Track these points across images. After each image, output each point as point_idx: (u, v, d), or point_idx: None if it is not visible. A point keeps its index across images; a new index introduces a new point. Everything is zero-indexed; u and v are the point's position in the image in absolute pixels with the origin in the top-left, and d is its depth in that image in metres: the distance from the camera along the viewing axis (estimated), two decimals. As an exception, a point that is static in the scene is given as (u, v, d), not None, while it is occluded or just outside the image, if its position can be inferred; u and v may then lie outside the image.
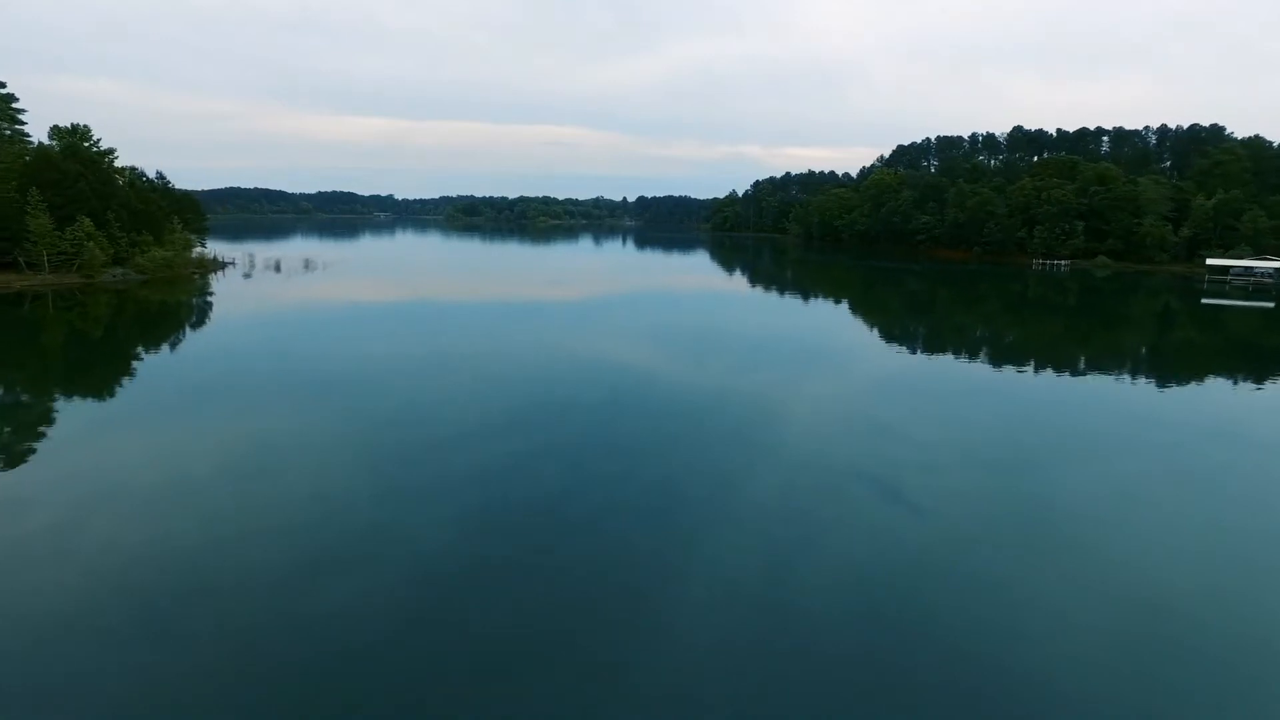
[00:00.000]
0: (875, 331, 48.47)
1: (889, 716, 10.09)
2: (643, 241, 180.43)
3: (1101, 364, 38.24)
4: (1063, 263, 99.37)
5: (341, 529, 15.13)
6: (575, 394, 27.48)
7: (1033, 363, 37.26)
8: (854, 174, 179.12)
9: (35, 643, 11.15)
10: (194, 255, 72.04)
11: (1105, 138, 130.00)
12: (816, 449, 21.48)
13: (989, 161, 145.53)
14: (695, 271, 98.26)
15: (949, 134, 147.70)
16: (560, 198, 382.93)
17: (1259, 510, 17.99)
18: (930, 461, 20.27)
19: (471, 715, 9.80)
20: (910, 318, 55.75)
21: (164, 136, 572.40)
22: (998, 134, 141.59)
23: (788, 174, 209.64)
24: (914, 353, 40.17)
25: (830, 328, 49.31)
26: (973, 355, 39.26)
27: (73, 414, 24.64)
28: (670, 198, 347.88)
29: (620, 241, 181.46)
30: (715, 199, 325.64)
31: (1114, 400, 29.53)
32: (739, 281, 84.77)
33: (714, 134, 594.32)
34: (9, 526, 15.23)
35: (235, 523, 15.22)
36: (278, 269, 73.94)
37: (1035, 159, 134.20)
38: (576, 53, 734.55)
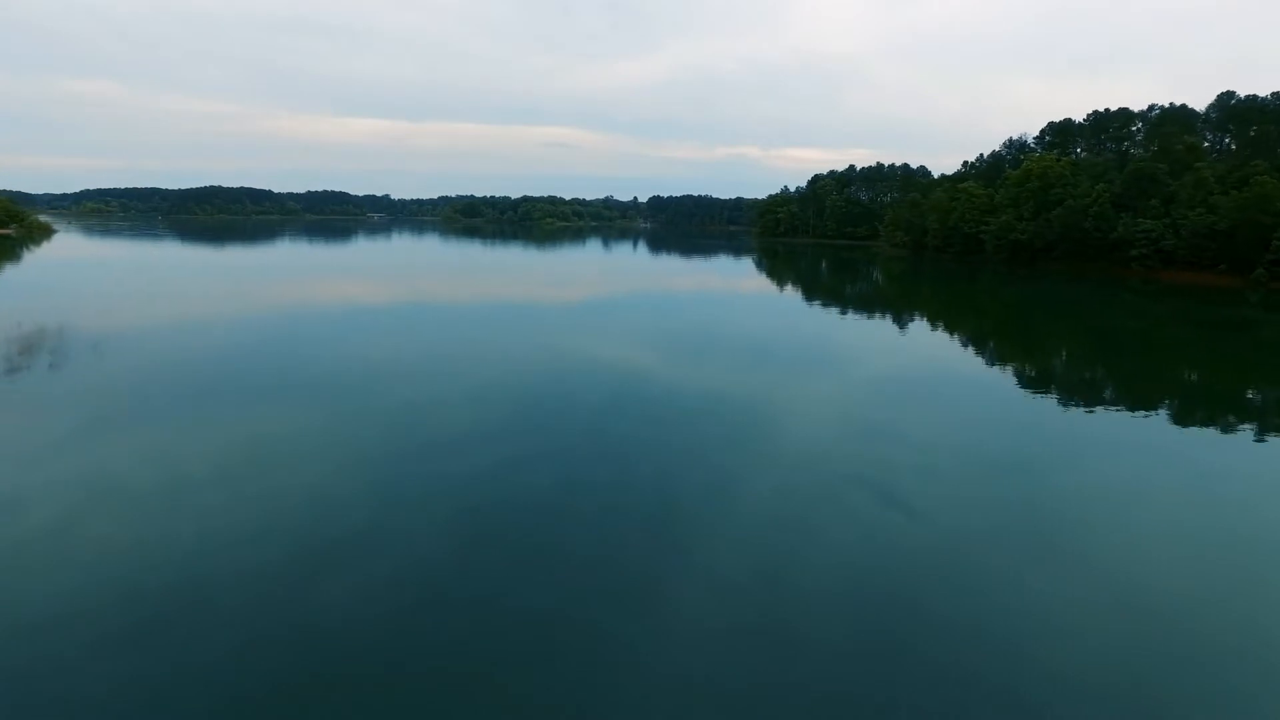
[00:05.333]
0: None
1: (884, 714, 9.15)
2: (675, 248, 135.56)
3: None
4: None
5: (338, 531, 13.57)
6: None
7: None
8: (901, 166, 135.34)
9: (28, 644, 10.03)
10: None
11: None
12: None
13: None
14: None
15: (1103, 108, 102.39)
16: (567, 197, 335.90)
17: (1264, 513, 16.22)
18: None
19: (467, 714, 8.98)
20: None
21: (162, 137, 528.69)
22: (1193, 105, 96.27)
23: (852, 167, 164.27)
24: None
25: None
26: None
27: (65, 412, 20.83)
28: (689, 197, 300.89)
29: (643, 248, 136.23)
30: (739, 199, 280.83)
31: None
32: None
33: (713, 135, 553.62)
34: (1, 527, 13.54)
35: (230, 524, 13.73)
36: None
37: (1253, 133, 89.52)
38: (574, 54, 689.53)
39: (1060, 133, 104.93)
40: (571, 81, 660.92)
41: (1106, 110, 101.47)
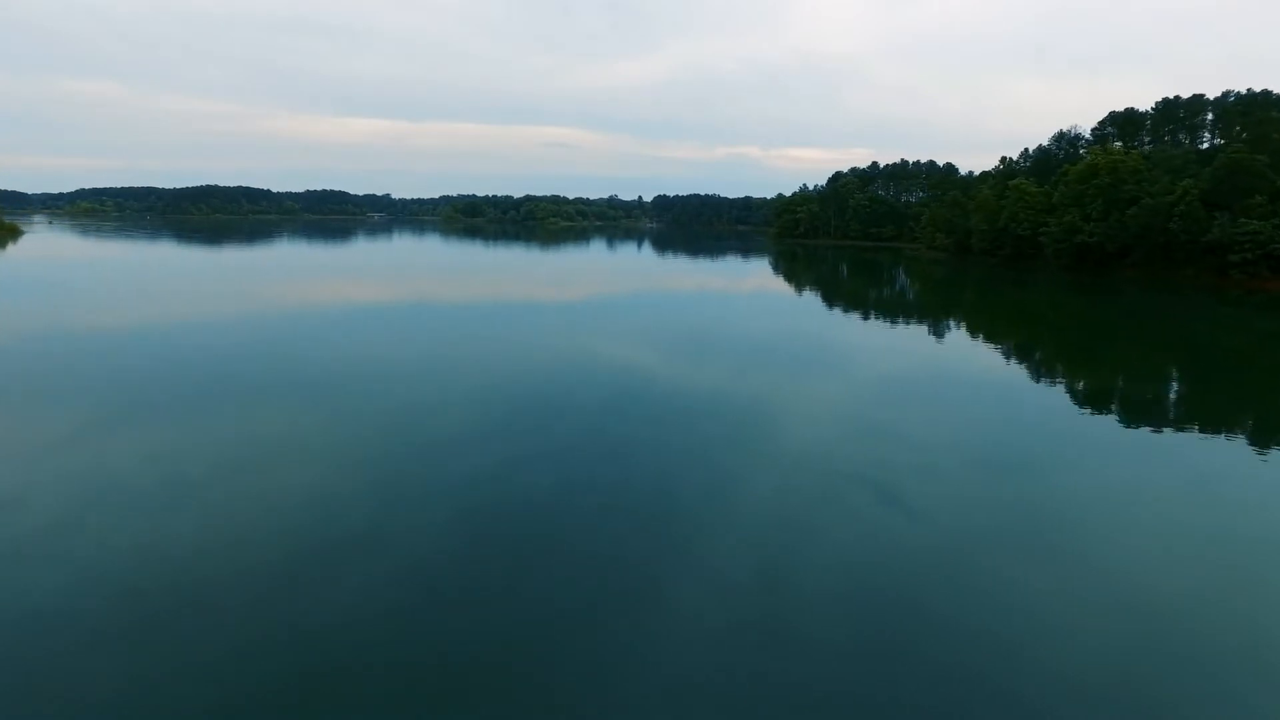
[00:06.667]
0: None
1: (884, 714, 8.89)
2: (684, 250, 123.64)
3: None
4: None
5: (337, 531, 13.21)
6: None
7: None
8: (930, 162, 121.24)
9: (26, 644, 9.79)
10: None
11: None
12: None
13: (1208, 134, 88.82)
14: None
15: (1177, 94, 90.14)
16: (570, 197, 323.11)
17: (1265, 514, 15.82)
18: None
19: (468, 713, 8.68)
20: None
21: (161, 137, 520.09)
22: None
23: (875, 164, 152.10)
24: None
25: None
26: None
27: (63, 413, 20.73)
28: (696, 196, 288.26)
29: (652, 250, 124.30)
30: (747, 198, 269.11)
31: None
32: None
33: (714, 135, 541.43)
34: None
35: (231, 523, 13.49)
36: None
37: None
38: (574, 54, 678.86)
39: (1125, 123, 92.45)
40: (571, 81, 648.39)
41: (1176, 98, 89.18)
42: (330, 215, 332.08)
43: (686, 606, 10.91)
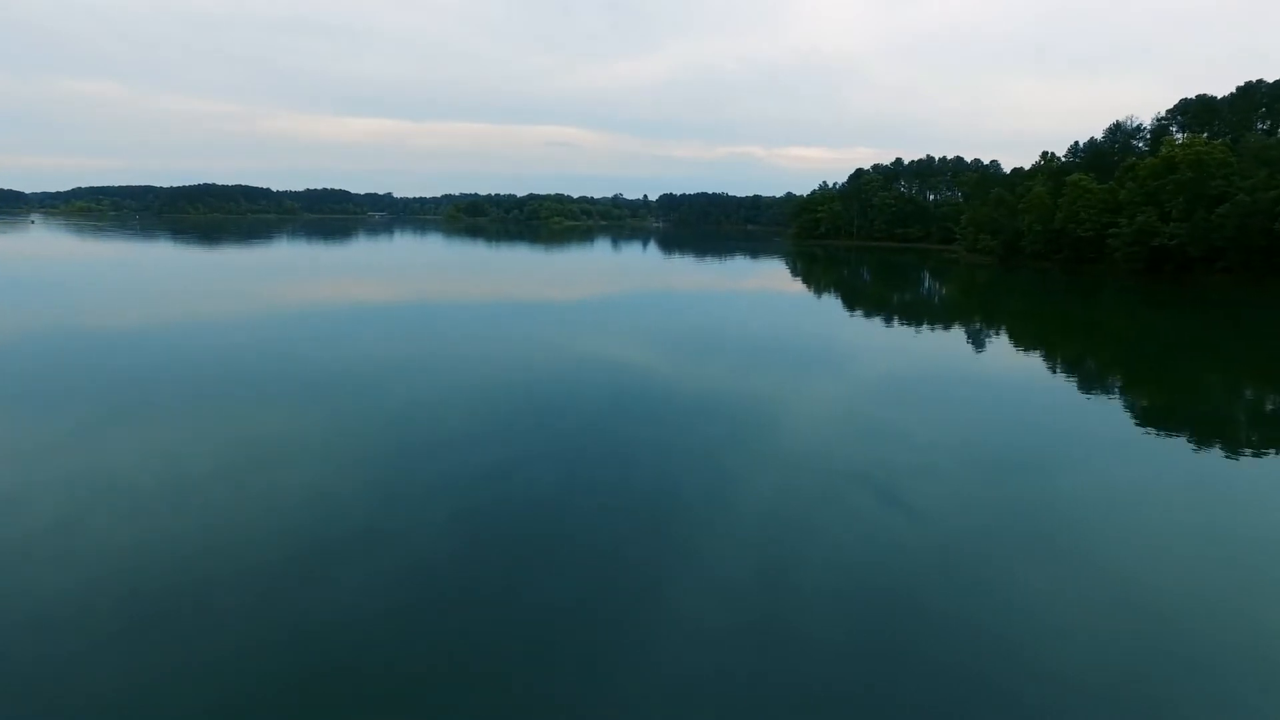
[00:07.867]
0: None
1: (885, 714, 8.52)
2: (696, 252, 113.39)
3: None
4: None
5: (337, 531, 12.84)
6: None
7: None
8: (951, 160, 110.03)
9: (27, 643, 9.41)
10: None
11: None
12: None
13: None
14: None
15: (1255, 79, 79.25)
16: (574, 195, 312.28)
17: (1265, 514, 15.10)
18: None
19: (469, 712, 8.42)
20: None
21: (162, 137, 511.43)
22: None
23: (899, 160, 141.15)
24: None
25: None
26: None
27: (65, 412, 20.00)
28: (703, 195, 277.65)
29: (662, 252, 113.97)
30: (756, 196, 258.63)
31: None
32: None
33: (715, 134, 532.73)
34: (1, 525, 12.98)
35: (229, 523, 13.06)
36: None
37: None
38: (575, 54, 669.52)
39: (1203, 111, 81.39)
40: (572, 81, 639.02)
41: (1259, 82, 78.32)
42: (331, 214, 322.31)
43: (687, 606, 10.64)
